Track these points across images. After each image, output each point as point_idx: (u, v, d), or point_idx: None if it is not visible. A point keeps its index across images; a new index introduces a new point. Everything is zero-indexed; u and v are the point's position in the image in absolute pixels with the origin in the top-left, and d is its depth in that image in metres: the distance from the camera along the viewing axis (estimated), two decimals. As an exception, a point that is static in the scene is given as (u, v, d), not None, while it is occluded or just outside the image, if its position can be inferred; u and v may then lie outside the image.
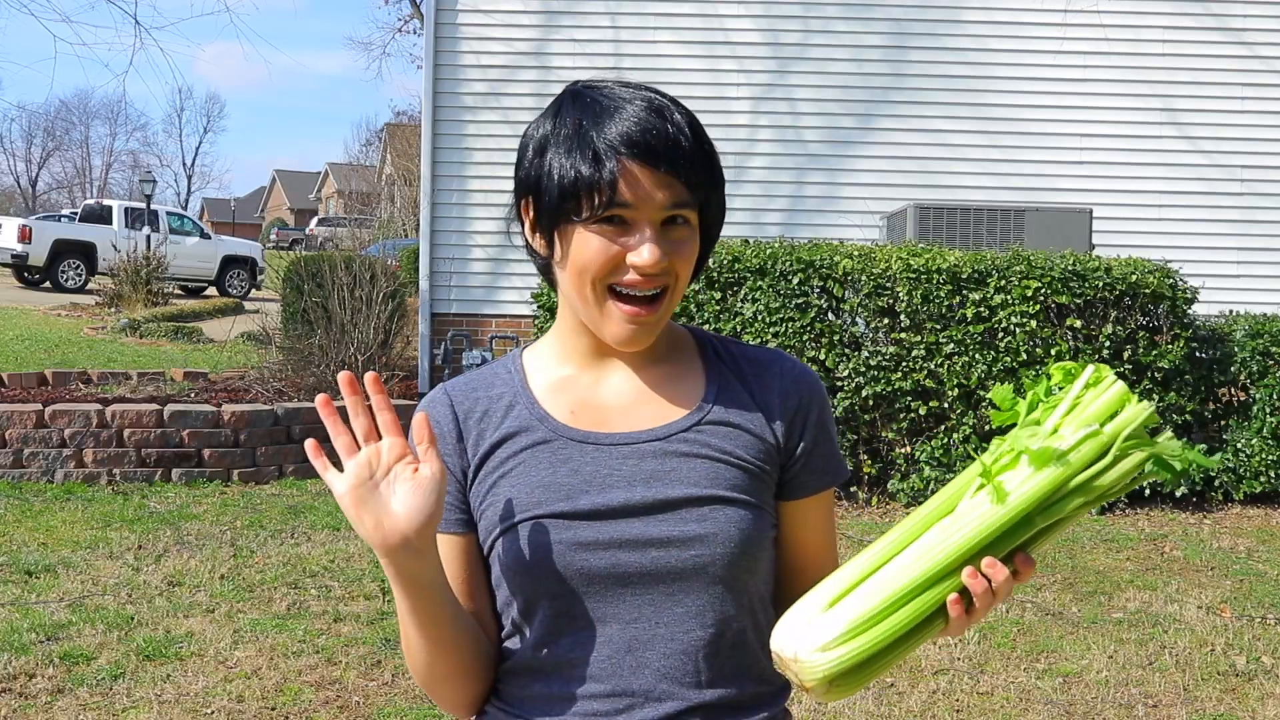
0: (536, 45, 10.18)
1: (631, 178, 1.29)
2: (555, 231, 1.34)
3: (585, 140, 1.30)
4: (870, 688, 4.19)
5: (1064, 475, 1.21)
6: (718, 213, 1.39)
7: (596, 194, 1.28)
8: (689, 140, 1.32)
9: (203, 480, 7.22)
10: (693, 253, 1.35)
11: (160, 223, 24.37)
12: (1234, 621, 5.10)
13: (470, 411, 1.41)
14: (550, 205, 1.32)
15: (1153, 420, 1.24)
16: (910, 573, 1.21)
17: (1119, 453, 1.22)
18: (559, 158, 1.31)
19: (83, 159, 73.82)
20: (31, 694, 3.99)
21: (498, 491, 1.37)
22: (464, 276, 10.14)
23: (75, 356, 12.89)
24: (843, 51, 10.20)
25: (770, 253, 7.23)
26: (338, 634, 4.64)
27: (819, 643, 1.20)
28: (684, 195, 1.31)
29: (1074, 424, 1.23)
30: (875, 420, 7.16)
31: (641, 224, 1.30)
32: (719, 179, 1.37)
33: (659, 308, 1.34)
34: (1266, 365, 7.30)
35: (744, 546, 1.35)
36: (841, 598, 1.22)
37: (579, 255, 1.31)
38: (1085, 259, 7.23)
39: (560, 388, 1.42)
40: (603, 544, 1.33)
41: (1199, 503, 7.33)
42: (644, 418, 1.40)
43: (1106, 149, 10.12)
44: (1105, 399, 1.24)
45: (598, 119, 1.31)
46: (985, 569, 1.22)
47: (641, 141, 1.29)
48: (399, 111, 43.55)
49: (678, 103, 1.36)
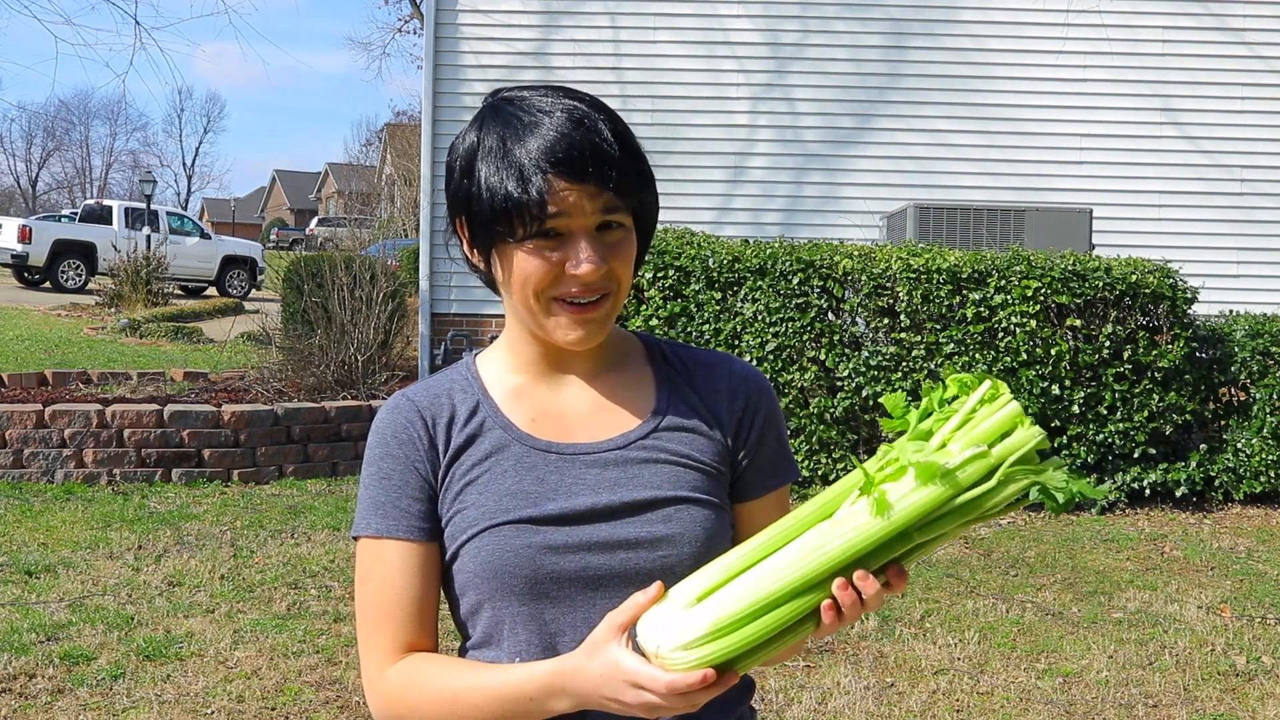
0: (536, 45, 10.18)
1: (559, 193, 1.29)
2: (492, 250, 1.35)
3: (510, 159, 1.30)
4: (870, 688, 4.19)
5: (947, 493, 1.18)
6: (652, 210, 1.39)
7: (527, 213, 1.29)
8: (613, 148, 1.32)
9: (203, 480, 7.22)
10: (630, 253, 1.36)
11: (160, 223, 24.36)
12: (1234, 621, 5.10)
13: (437, 418, 1.41)
14: (483, 226, 1.33)
15: (1043, 444, 1.21)
16: (781, 578, 1.18)
17: (1004, 477, 1.19)
18: (486, 177, 1.31)
19: (83, 159, 73.86)
20: (31, 694, 3.99)
21: (464, 499, 1.37)
22: (464, 276, 10.12)
23: (75, 356, 12.89)
24: (842, 51, 10.20)
25: (770, 253, 7.22)
26: (338, 634, 4.64)
27: (681, 640, 1.17)
28: (614, 201, 1.32)
29: (963, 441, 1.20)
30: (875, 420, 7.15)
31: (576, 235, 1.31)
32: (649, 179, 1.38)
33: (605, 305, 1.35)
34: (1266, 365, 7.30)
35: (709, 545, 1.35)
36: (709, 594, 1.19)
37: (519, 272, 1.32)
38: (1085, 259, 7.22)
39: (518, 396, 1.42)
40: (572, 547, 1.34)
41: (1199, 503, 7.32)
42: (602, 427, 1.41)
43: (1106, 149, 10.12)
44: (997, 418, 1.20)
45: (519, 135, 1.31)
46: (857, 582, 1.19)
47: (566, 155, 1.29)
48: (399, 111, 43.58)
49: (602, 106, 1.36)
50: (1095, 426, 7.07)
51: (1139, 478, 7.12)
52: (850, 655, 4.55)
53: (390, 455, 1.40)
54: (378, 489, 1.39)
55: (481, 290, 10.51)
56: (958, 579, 5.62)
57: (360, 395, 8.41)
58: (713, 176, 10.05)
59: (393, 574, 1.37)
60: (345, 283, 9.05)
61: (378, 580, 1.38)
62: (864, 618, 4.93)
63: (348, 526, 6.27)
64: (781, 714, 4.01)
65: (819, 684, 4.23)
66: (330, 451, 7.64)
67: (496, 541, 1.34)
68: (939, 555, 6.03)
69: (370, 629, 1.38)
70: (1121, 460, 7.15)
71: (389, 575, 1.37)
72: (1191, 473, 7.18)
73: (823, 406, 7.04)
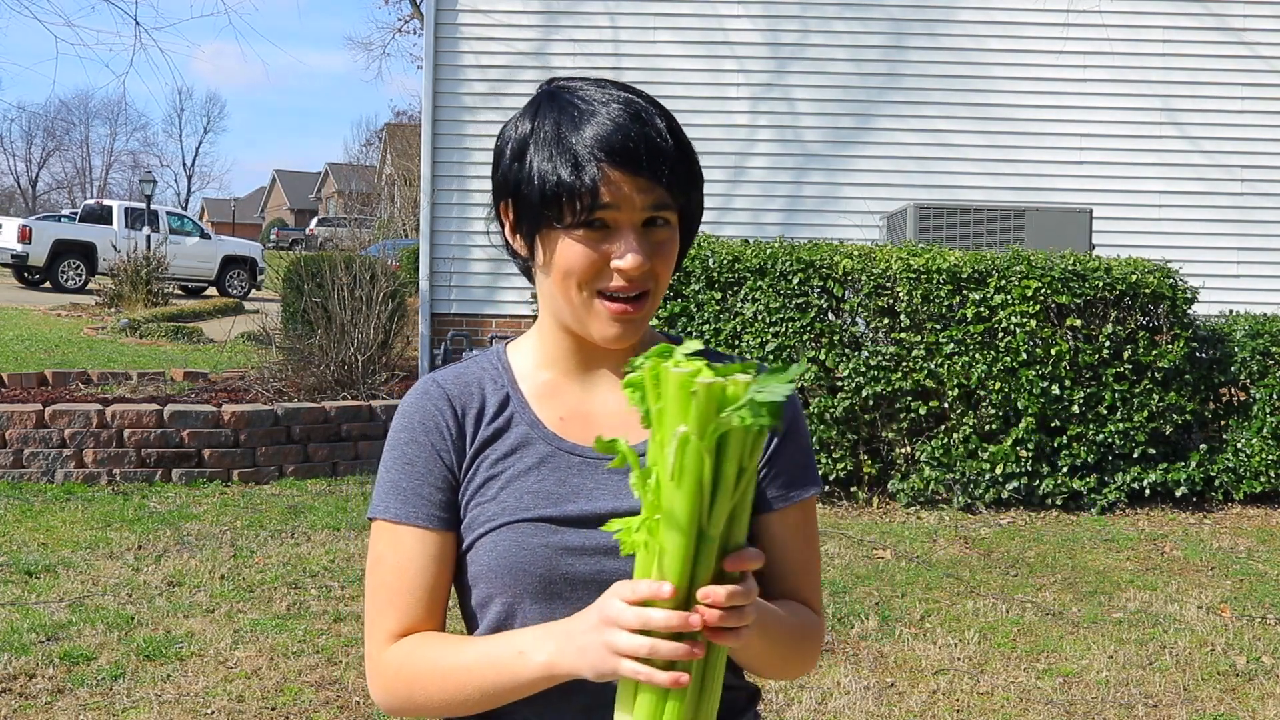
0: (536, 45, 10.18)
1: (613, 183, 1.28)
2: (536, 236, 1.34)
3: (565, 145, 1.29)
4: (870, 688, 4.19)
5: (695, 502, 1.11)
6: (697, 211, 1.39)
7: (578, 200, 1.28)
8: (669, 144, 1.32)
9: (203, 480, 7.22)
10: (673, 254, 1.35)
11: (160, 223, 24.37)
12: (1234, 621, 5.10)
13: (468, 407, 1.40)
14: (531, 211, 1.32)
15: (734, 378, 1.10)
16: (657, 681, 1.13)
17: (712, 440, 1.09)
18: (539, 162, 1.30)
19: (83, 159, 73.88)
20: (31, 694, 3.99)
21: (486, 492, 1.37)
22: (464, 276, 10.15)
23: (75, 356, 12.89)
24: (842, 51, 10.20)
25: (770, 253, 7.22)
26: (338, 634, 4.64)
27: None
28: (665, 198, 1.31)
29: (667, 443, 1.11)
30: (875, 420, 7.15)
31: (623, 227, 1.30)
32: (699, 179, 1.37)
33: (644, 305, 1.34)
34: (1266, 365, 7.30)
35: None
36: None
37: (562, 260, 1.31)
38: (1085, 259, 7.23)
39: (549, 393, 1.42)
40: (588, 550, 1.33)
41: (1199, 503, 7.33)
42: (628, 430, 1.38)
43: (1106, 149, 10.12)
44: (674, 393, 1.10)
45: (576, 123, 1.30)
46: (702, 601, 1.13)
47: (622, 147, 1.28)
48: (399, 111, 43.59)
49: (656, 103, 1.36)
50: (1095, 426, 7.07)
51: (1139, 478, 7.12)
52: (850, 655, 4.55)
53: (416, 441, 1.39)
54: (400, 473, 1.38)
55: (482, 290, 10.43)
56: (958, 579, 5.62)
57: (360, 395, 8.40)
58: (713, 176, 10.04)
59: (406, 560, 1.37)
60: (345, 283, 9.05)
61: (390, 565, 1.38)
62: (864, 618, 4.93)
63: (348, 526, 6.28)
64: (781, 714, 4.01)
65: (819, 684, 4.23)
66: (330, 451, 7.64)
67: (514, 538, 1.34)
68: (939, 555, 6.04)
69: (377, 610, 1.38)
70: (1121, 460, 7.15)
71: (402, 561, 1.37)
72: (1191, 473, 7.18)
73: (823, 406, 7.04)
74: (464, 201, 10.12)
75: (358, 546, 5.85)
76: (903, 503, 7.07)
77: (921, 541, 6.31)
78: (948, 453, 7.04)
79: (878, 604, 5.16)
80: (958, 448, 7.03)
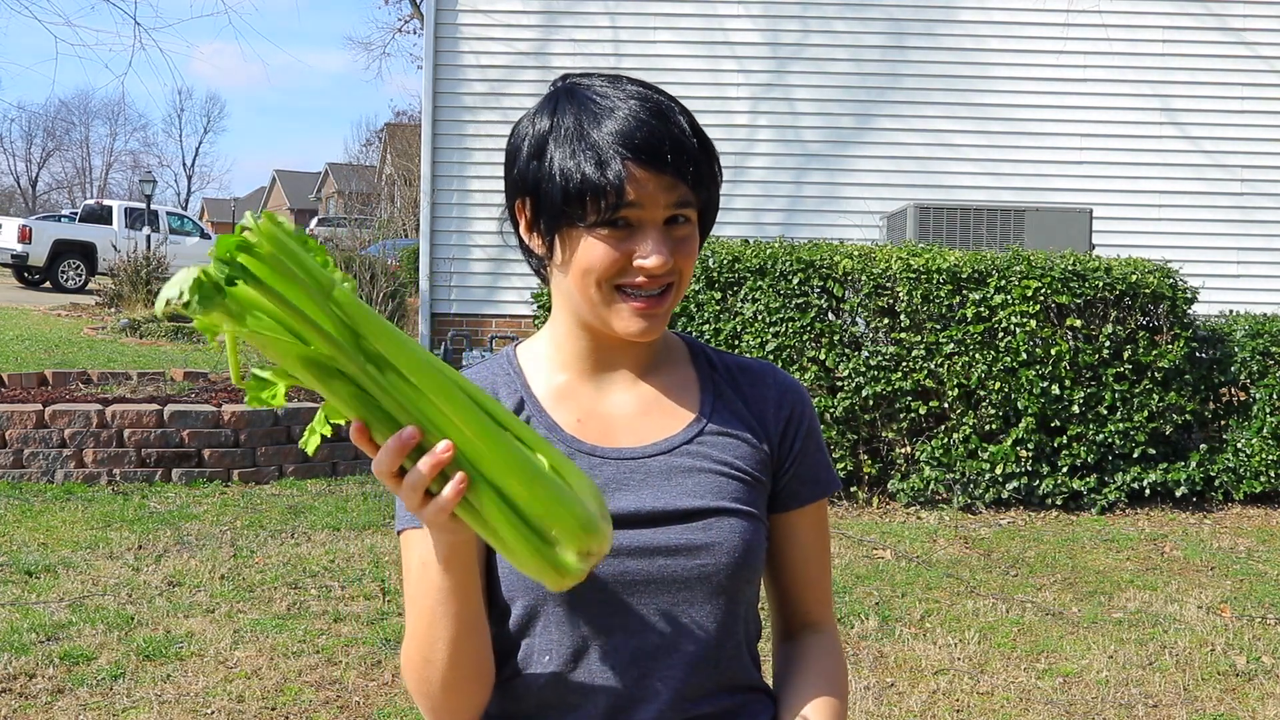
0: (536, 45, 10.18)
1: (637, 181, 1.27)
2: (556, 235, 1.32)
3: (588, 142, 1.28)
4: (870, 688, 4.19)
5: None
6: (715, 208, 1.39)
7: (603, 199, 1.26)
8: (692, 141, 1.31)
9: (203, 480, 7.22)
10: (694, 249, 1.35)
11: (160, 223, 24.39)
12: (1234, 621, 5.10)
13: None
14: (552, 208, 1.30)
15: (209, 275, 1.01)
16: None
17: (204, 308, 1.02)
18: (561, 159, 1.28)
19: (83, 159, 73.84)
20: (31, 694, 3.99)
21: None
22: (464, 276, 10.15)
23: (75, 356, 12.89)
24: (842, 51, 10.20)
25: (770, 253, 7.22)
26: (338, 634, 4.64)
27: None
28: (688, 195, 1.31)
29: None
30: (875, 420, 7.15)
31: (646, 225, 1.29)
32: (718, 177, 1.37)
33: (666, 300, 1.33)
34: (1266, 365, 7.30)
35: (745, 556, 1.35)
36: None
37: (583, 258, 1.30)
38: (1085, 259, 7.23)
39: (564, 395, 1.41)
40: (610, 551, 1.33)
41: (1199, 503, 7.33)
42: (647, 430, 1.39)
43: (1106, 149, 10.12)
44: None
45: (598, 119, 1.29)
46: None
47: (646, 144, 1.27)
48: (399, 111, 43.58)
49: (675, 100, 1.35)
50: (1095, 426, 7.07)
51: (1139, 478, 7.12)
52: (850, 655, 4.55)
53: None
54: None
55: (482, 290, 10.45)
56: (958, 579, 5.62)
57: (360, 395, 8.39)
58: (713, 176, 10.03)
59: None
60: (345, 283, 9.04)
61: (418, 574, 1.36)
62: (864, 618, 4.93)
63: (348, 527, 6.28)
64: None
65: (819, 684, 4.22)
66: (330, 451, 7.63)
67: None
68: (939, 555, 6.04)
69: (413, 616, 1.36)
70: (1121, 460, 7.15)
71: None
72: (1191, 473, 7.18)
73: (823, 406, 7.04)
74: (464, 201, 10.12)
75: (358, 547, 5.86)
76: (903, 503, 7.07)
77: (921, 541, 6.31)
78: (948, 453, 7.04)
79: (878, 604, 5.16)
80: (958, 448, 7.03)
